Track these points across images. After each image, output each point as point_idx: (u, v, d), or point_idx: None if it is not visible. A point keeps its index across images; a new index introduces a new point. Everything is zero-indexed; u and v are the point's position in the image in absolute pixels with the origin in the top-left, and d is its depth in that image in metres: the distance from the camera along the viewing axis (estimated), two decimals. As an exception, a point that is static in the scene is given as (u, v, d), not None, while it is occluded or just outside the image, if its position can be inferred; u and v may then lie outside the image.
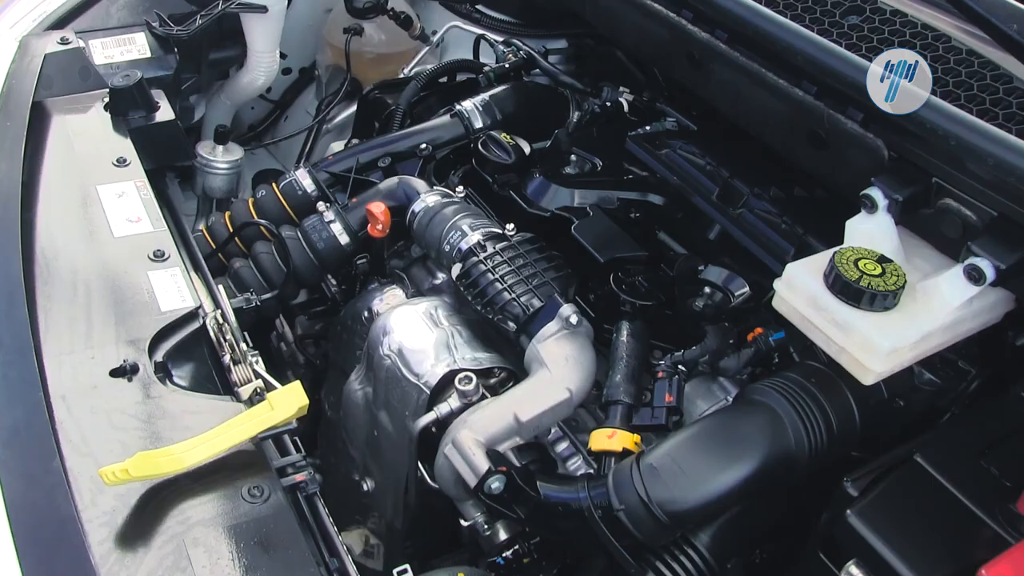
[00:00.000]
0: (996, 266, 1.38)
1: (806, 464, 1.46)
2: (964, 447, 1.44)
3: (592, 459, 1.60)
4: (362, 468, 1.93)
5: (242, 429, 1.32)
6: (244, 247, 2.13)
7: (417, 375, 1.70)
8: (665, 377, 1.60)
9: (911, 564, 1.27)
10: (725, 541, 1.53)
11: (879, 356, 1.36)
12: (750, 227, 1.80)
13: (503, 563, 1.63)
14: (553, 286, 1.75)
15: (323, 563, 1.32)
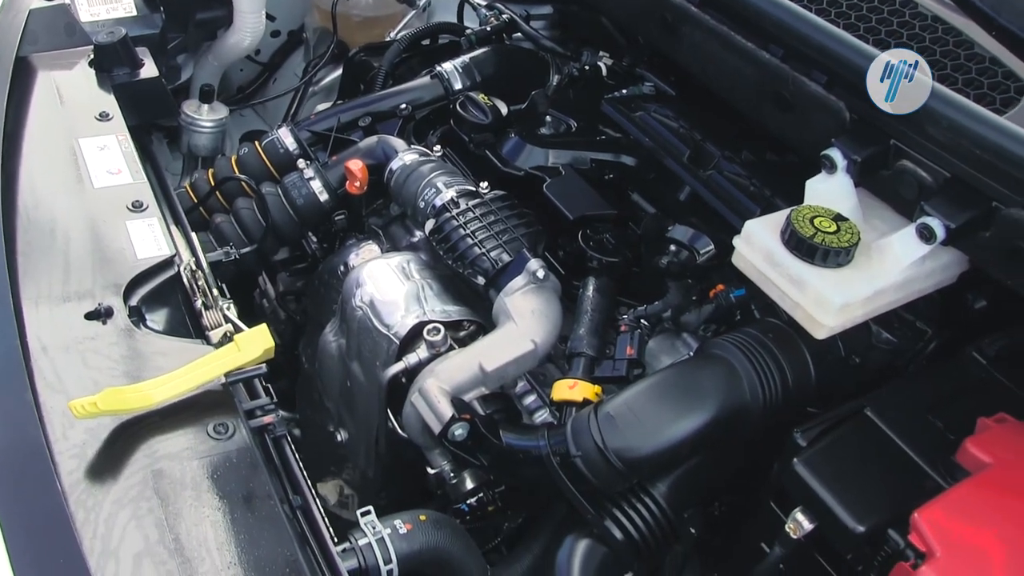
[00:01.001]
0: (947, 225, 1.41)
1: (760, 416, 1.50)
2: (914, 403, 1.49)
3: (554, 409, 1.64)
4: (336, 419, 1.97)
5: (209, 368, 1.35)
6: (226, 203, 2.17)
7: (387, 326, 1.74)
8: (627, 331, 1.64)
9: (850, 510, 1.31)
10: (682, 492, 1.57)
11: (831, 311, 1.40)
12: (719, 188, 1.83)
13: (467, 510, 1.68)
14: (522, 242, 1.79)
15: (286, 500, 1.36)
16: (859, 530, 1.29)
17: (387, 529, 1.46)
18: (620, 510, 1.53)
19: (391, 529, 1.46)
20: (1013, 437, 1.38)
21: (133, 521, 1.20)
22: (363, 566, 1.43)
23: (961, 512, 1.26)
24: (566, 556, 1.51)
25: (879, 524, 1.29)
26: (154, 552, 1.16)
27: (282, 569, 1.18)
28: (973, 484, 1.31)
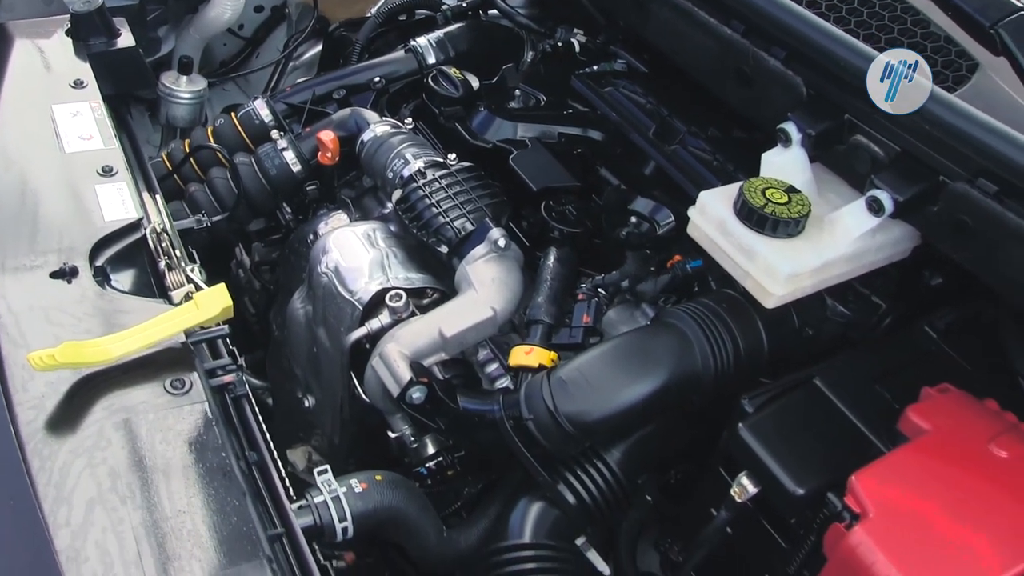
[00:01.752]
0: (895, 198, 1.44)
1: (712, 384, 1.53)
2: (862, 373, 1.52)
3: (512, 375, 1.67)
4: (304, 385, 2.00)
5: (167, 325, 1.38)
6: (200, 172, 2.19)
7: (351, 292, 1.77)
8: (584, 300, 1.68)
9: (791, 473, 1.35)
10: (635, 458, 1.61)
11: (779, 280, 1.43)
12: (683, 163, 1.86)
13: (426, 473, 1.71)
14: (486, 211, 1.82)
15: (242, 457, 1.38)
16: (799, 493, 1.32)
17: (343, 488, 1.49)
18: (573, 474, 1.56)
19: (347, 488, 1.49)
20: (953, 406, 1.41)
21: (88, 470, 1.22)
22: (318, 523, 1.46)
23: (896, 476, 1.29)
24: (519, 518, 1.54)
25: (819, 488, 1.32)
26: (106, 499, 1.19)
27: (231, 518, 1.21)
28: (910, 449, 1.34)
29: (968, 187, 1.38)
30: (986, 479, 1.30)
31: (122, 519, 1.17)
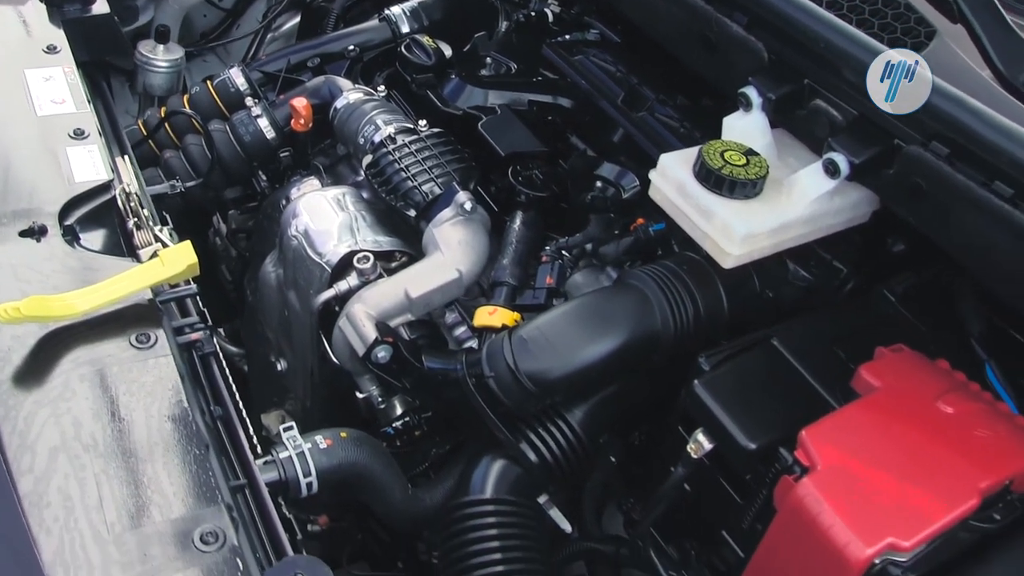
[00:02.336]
0: (851, 161, 1.47)
1: (671, 344, 1.55)
2: (820, 334, 1.55)
3: (476, 335, 1.69)
4: (277, 349, 2.02)
5: (132, 281, 1.40)
6: (176, 139, 2.21)
7: (320, 254, 1.79)
8: (548, 261, 1.70)
9: (744, 429, 1.37)
10: (596, 418, 1.63)
11: (736, 240, 1.46)
12: (650, 130, 1.88)
13: (392, 433, 1.74)
14: (454, 176, 1.84)
15: (207, 411, 1.41)
16: (751, 447, 1.35)
17: (308, 444, 1.51)
18: (535, 433, 1.59)
19: (312, 444, 1.52)
20: (904, 365, 1.44)
21: (52, 419, 1.24)
22: (283, 478, 1.49)
23: (845, 431, 1.32)
24: (481, 474, 1.57)
25: (772, 443, 1.35)
26: (70, 447, 1.21)
27: (191, 467, 1.23)
28: (859, 405, 1.37)
29: (922, 150, 1.41)
30: (931, 434, 1.33)
31: (84, 466, 1.20)
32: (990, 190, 1.34)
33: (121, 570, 1.09)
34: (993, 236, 1.35)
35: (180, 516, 1.17)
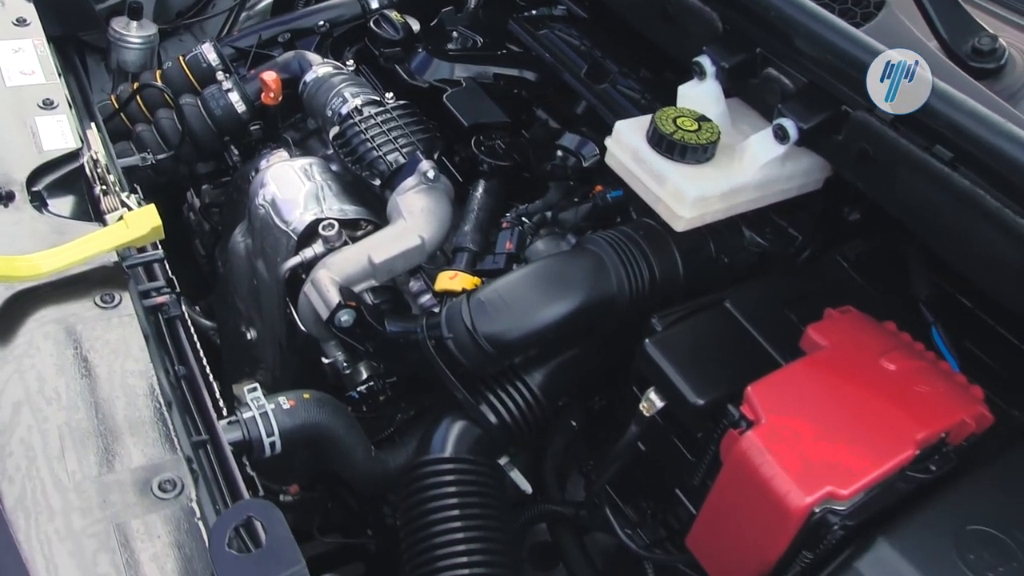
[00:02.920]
0: (799, 126, 1.50)
1: (627, 308, 1.59)
2: (772, 297, 1.59)
3: (437, 300, 1.73)
4: (247, 319, 2.06)
5: (97, 242, 1.43)
6: (148, 114, 2.24)
7: (287, 222, 1.83)
8: (508, 227, 1.74)
9: (692, 385, 1.41)
10: (556, 381, 1.67)
11: (686, 203, 1.50)
12: (612, 101, 1.92)
13: (357, 397, 1.77)
14: (418, 146, 1.88)
15: (171, 371, 1.44)
16: (699, 403, 1.39)
17: (271, 404, 1.55)
18: (495, 395, 1.62)
19: (275, 405, 1.55)
20: (851, 325, 1.48)
21: (16, 375, 1.28)
22: (247, 437, 1.52)
23: (789, 386, 1.36)
24: (441, 435, 1.60)
25: (720, 399, 1.38)
26: (33, 401, 1.24)
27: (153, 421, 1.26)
28: (805, 363, 1.41)
29: (868, 115, 1.45)
30: (873, 389, 1.36)
31: (47, 418, 1.23)
32: (931, 154, 1.37)
33: (81, 515, 1.13)
34: (933, 198, 1.39)
35: (140, 466, 1.20)
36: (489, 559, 1.49)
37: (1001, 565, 1.19)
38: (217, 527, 1.07)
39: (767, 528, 1.28)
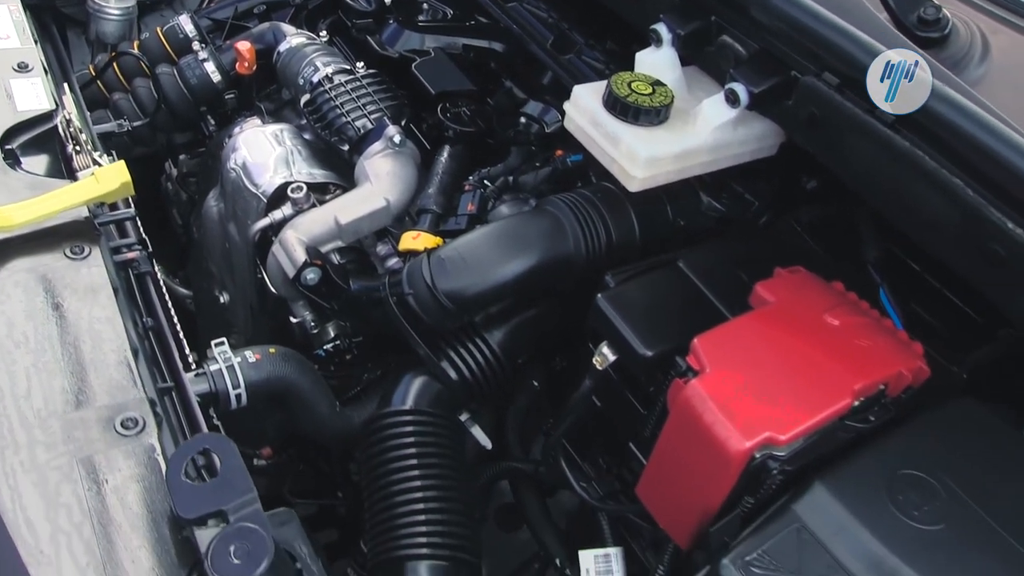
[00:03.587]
0: (750, 90, 1.55)
1: (583, 268, 1.64)
2: (725, 258, 1.63)
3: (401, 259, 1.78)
4: (220, 282, 2.10)
5: (68, 196, 1.48)
6: (125, 83, 2.29)
7: (257, 185, 1.87)
8: (471, 190, 1.79)
9: (642, 337, 1.45)
10: (516, 339, 1.72)
11: (639, 163, 1.54)
12: (576, 71, 1.97)
13: (324, 355, 1.82)
14: (385, 112, 1.92)
15: (139, 323, 1.48)
16: (647, 355, 1.43)
17: (237, 358, 1.59)
18: (455, 352, 1.67)
19: (241, 358, 1.60)
20: (799, 283, 1.52)
21: (-15, 320, 1.33)
22: (213, 389, 1.57)
23: (735, 338, 1.41)
24: (402, 389, 1.65)
25: (669, 351, 1.43)
26: (2, 344, 1.30)
27: (118, 364, 1.31)
28: (751, 316, 1.46)
29: (815, 80, 1.50)
30: (815, 342, 1.41)
31: (15, 360, 1.28)
32: (874, 116, 1.42)
33: (45, 449, 1.18)
34: (877, 160, 1.44)
35: (103, 405, 1.25)
36: (446, 507, 1.54)
37: (926, 504, 1.25)
38: (174, 458, 1.12)
39: (710, 473, 1.32)
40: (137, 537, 1.12)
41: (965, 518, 1.24)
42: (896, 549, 1.19)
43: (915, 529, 1.23)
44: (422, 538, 1.50)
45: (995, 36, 1.64)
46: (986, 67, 1.61)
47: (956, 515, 1.24)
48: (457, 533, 1.53)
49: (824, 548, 1.22)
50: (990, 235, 1.33)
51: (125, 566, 1.08)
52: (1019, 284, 1.33)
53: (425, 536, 1.50)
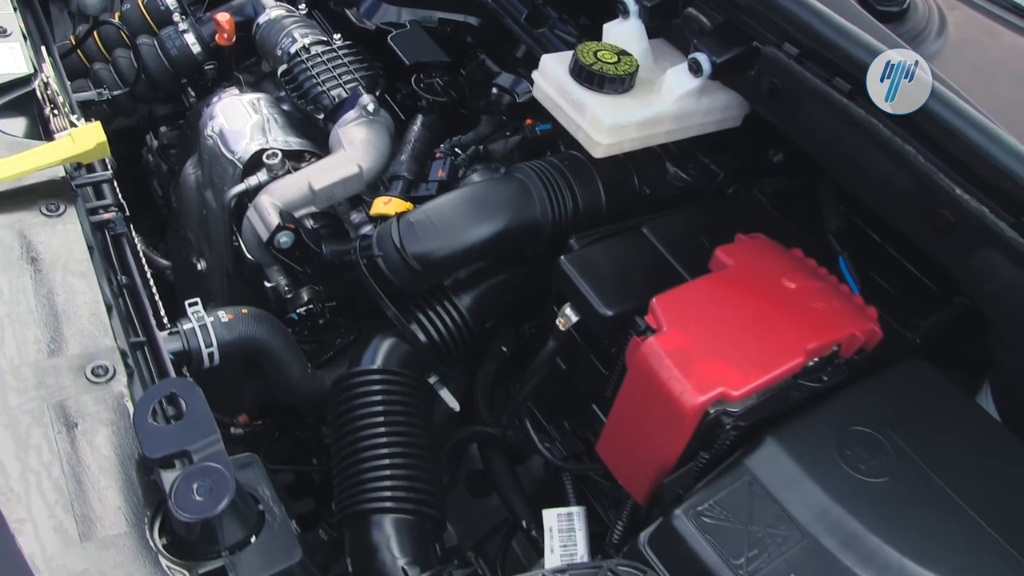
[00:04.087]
0: (712, 60, 1.59)
1: (550, 233, 1.68)
2: (689, 225, 1.67)
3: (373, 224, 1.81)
4: (197, 249, 2.14)
5: (44, 155, 1.51)
6: (106, 53, 2.32)
7: (233, 152, 1.91)
8: (441, 157, 1.83)
9: (602, 297, 1.49)
10: (484, 304, 1.76)
11: (603, 130, 1.58)
12: (549, 45, 2.00)
13: (296, 318, 1.86)
14: (360, 82, 1.96)
15: (114, 281, 1.52)
16: (607, 314, 1.47)
17: (210, 317, 1.63)
18: (424, 315, 1.71)
19: (214, 318, 1.63)
20: (758, 248, 1.56)
21: (-40, 274, 1.36)
22: (186, 347, 1.60)
23: (692, 299, 1.44)
24: (372, 350, 1.69)
25: (629, 311, 1.46)
26: (-25, 299, 1.33)
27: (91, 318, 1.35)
28: (709, 278, 1.50)
29: (776, 51, 1.53)
30: (771, 304, 1.45)
31: (-11, 314, 1.32)
32: (831, 85, 1.46)
33: (17, 394, 1.22)
34: (835, 129, 1.48)
35: (75, 353, 1.29)
36: (412, 463, 1.58)
37: (873, 459, 1.29)
38: (142, 401, 1.16)
39: (665, 429, 1.36)
40: (105, 478, 1.15)
41: (909, 472, 1.28)
42: (842, 500, 1.23)
43: (861, 482, 1.26)
44: (387, 492, 1.54)
45: (952, 12, 1.69)
46: (943, 41, 1.65)
47: (901, 469, 1.28)
48: (422, 489, 1.57)
49: (774, 499, 1.26)
50: (940, 201, 1.37)
51: (92, 504, 1.12)
52: (968, 250, 1.37)
53: (390, 491, 1.54)
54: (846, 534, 1.20)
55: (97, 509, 1.12)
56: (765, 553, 1.20)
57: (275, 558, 1.13)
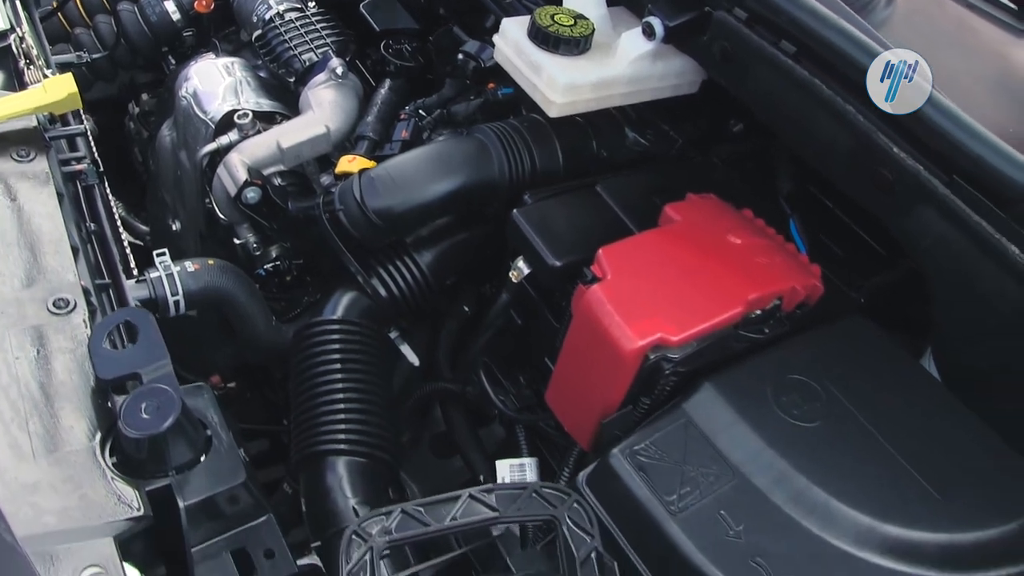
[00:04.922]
0: (665, 24, 1.64)
1: (507, 192, 1.72)
2: (643, 185, 1.72)
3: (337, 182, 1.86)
4: (172, 210, 2.19)
5: (15, 103, 1.56)
6: (88, 18, 2.37)
7: (205, 112, 1.96)
8: (406, 119, 1.88)
9: (552, 249, 1.54)
10: (444, 261, 1.80)
11: (558, 89, 1.63)
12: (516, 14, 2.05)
13: (264, 274, 1.91)
14: (331, 47, 2.01)
15: (82, 228, 1.57)
16: (556, 265, 1.52)
17: (177, 267, 1.68)
18: (385, 270, 1.76)
19: (181, 267, 1.68)
20: (707, 206, 1.61)
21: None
22: (153, 296, 1.65)
23: (638, 250, 1.49)
24: (333, 302, 1.74)
25: (577, 262, 1.51)
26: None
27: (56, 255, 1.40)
28: (656, 232, 1.55)
29: (726, 15, 1.58)
30: (716, 257, 1.49)
31: (-42, 250, 1.37)
32: (778, 48, 1.51)
33: (-22, 322, 1.26)
34: (782, 90, 1.53)
35: (38, 286, 1.33)
36: (367, 408, 1.63)
37: (807, 405, 1.33)
38: (98, 327, 1.21)
39: (607, 374, 1.41)
40: (60, 400, 1.20)
41: (840, 418, 1.33)
42: (773, 443, 1.28)
43: (793, 425, 1.31)
44: (341, 435, 1.58)
45: (901, -19, 1.74)
46: (891, 10, 1.70)
47: (833, 415, 1.33)
48: (376, 433, 1.61)
49: (708, 441, 1.30)
50: (879, 159, 1.42)
51: (47, 423, 1.17)
52: (906, 209, 1.42)
53: (344, 433, 1.58)
54: (776, 474, 1.25)
55: (51, 428, 1.17)
56: (697, 491, 1.25)
57: (220, 479, 1.18)
